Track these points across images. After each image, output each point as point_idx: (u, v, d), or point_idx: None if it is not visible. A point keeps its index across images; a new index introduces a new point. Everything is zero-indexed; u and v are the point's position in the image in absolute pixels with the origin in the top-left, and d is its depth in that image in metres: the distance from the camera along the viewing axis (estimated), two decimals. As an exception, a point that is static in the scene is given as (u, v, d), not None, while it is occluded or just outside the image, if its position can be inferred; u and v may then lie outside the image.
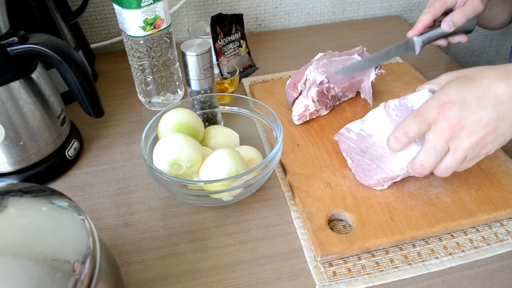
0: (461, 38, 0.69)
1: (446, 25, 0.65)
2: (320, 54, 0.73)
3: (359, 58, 0.71)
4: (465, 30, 0.68)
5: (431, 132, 0.48)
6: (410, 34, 0.68)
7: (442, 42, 0.70)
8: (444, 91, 0.48)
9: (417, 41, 0.67)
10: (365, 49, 0.74)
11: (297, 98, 0.69)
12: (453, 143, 0.47)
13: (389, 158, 0.54)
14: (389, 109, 0.55)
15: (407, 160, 0.52)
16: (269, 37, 1.01)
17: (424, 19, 0.66)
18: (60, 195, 0.38)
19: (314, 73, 0.69)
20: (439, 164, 0.49)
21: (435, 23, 0.68)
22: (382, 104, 0.57)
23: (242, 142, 0.63)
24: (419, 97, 0.54)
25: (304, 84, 0.69)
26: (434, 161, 0.49)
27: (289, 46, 0.97)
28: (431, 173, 0.51)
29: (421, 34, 0.67)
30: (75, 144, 0.67)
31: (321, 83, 0.68)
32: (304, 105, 0.68)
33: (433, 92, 0.54)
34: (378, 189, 0.57)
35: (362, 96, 0.75)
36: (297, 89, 0.69)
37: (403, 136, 0.49)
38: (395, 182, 0.57)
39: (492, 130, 0.46)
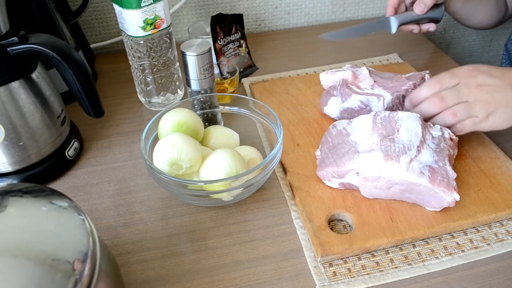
0: (430, 26, 0.78)
1: (418, 7, 0.74)
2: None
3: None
4: (434, 18, 0.76)
5: (460, 83, 0.58)
6: (388, 14, 0.77)
7: (414, 27, 0.77)
8: (475, 65, 0.59)
9: (393, 21, 0.75)
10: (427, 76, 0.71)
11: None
12: (473, 97, 0.57)
13: (348, 155, 0.55)
14: (377, 118, 0.58)
15: (365, 161, 0.53)
16: (269, 37, 1.01)
17: (391, 1, 0.76)
18: (60, 195, 0.38)
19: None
20: (455, 106, 0.58)
21: (407, 9, 0.78)
22: (373, 112, 0.59)
23: (242, 142, 0.63)
24: (408, 115, 0.57)
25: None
26: (453, 99, 0.58)
27: (289, 46, 0.97)
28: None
29: (398, 15, 0.76)
30: (75, 144, 0.67)
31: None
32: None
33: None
34: (326, 183, 0.58)
35: None
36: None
37: (438, 85, 0.59)
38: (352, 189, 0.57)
39: (504, 100, 0.57)
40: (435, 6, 0.76)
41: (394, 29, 0.76)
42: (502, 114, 0.57)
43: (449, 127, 0.58)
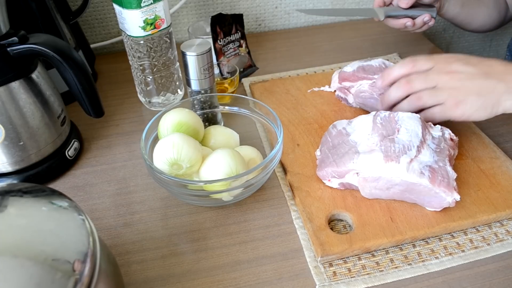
0: (425, 16, 0.76)
1: (403, 1, 0.75)
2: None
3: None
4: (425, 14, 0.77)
5: (433, 68, 0.58)
6: (375, 5, 0.78)
7: (407, 21, 0.77)
8: (455, 54, 0.59)
9: (379, 11, 0.77)
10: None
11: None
12: (442, 83, 0.56)
13: (348, 155, 0.55)
14: (377, 118, 0.58)
15: (365, 161, 0.53)
16: (269, 37, 1.01)
17: None
18: (60, 195, 0.38)
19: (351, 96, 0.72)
20: (420, 91, 0.58)
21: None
22: (373, 113, 0.59)
23: (242, 142, 0.63)
24: (408, 115, 0.57)
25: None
26: (420, 85, 0.57)
27: (289, 46, 0.97)
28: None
29: (384, 7, 0.77)
30: (75, 144, 0.67)
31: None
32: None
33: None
34: (326, 183, 0.58)
35: None
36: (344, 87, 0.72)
37: (411, 64, 0.59)
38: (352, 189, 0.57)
39: (476, 88, 0.55)
40: (427, 5, 0.76)
41: (381, 17, 0.76)
42: (474, 103, 0.55)
43: (418, 112, 0.58)
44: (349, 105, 0.73)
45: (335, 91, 0.76)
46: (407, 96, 0.59)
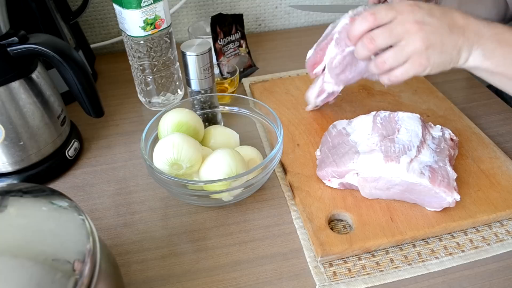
0: None
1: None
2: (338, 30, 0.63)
3: None
4: None
5: (396, 19, 0.53)
6: (369, 3, 0.74)
7: None
8: (416, 1, 0.55)
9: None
10: None
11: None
12: (407, 37, 0.52)
13: (348, 155, 0.55)
14: (377, 118, 0.58)
15: (365, 162, 0.53)
16: (269, 37, 1.01)
17: None
18: (60, 195, 0.38)
19: (330, 83, 0.66)
20: (384, 52, 0.54)
21: None
22: (373, 113, 0.59)
23: (242, 142, 0.63)
24: (408, 115, 0.57)
25: (322, 71, 0.67)
26: (385, 41, 0.53)
27: (289, 46, 0.97)
28: None
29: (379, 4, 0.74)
30: (75, 144, 0.67)
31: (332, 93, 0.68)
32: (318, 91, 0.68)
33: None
34: (326, 183, 0.58)
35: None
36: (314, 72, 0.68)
37: (371, 17, 0.54)
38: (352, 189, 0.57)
39: (440, 44, 0.52)
40: None
41: None
42: (436, 59, 0.52)
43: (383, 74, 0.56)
44: (339, 95, 0.69)
45: (317, 106, 0.72)
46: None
